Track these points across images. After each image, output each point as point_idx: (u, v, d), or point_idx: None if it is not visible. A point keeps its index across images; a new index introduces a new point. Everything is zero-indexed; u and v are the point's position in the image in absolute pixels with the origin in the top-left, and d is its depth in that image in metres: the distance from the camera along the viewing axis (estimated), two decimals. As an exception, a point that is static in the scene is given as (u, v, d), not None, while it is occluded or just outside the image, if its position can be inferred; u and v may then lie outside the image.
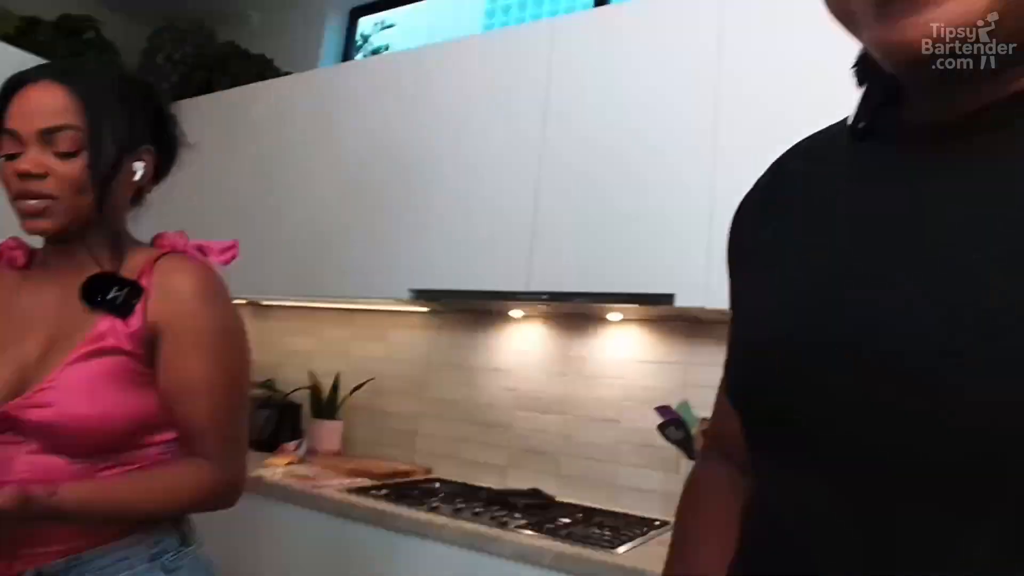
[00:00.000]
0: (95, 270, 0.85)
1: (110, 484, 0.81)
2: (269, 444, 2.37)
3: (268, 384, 2.62)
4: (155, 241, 0.93)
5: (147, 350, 0.84)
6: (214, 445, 0.86)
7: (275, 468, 2.04)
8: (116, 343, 0.82)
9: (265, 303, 2.75)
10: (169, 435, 0.88)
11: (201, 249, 0.91)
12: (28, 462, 0.80)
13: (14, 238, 0.92)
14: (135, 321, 0.83)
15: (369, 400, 2.42)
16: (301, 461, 2.18)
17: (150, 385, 0.84)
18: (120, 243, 0.89)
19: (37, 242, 0.90)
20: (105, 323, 0.83)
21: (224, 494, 0.88)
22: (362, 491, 1.85)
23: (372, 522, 1.69)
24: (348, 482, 1.96)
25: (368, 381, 2.41)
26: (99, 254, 0.86)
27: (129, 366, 0.83)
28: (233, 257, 0.94)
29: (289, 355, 2.69)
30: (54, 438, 0.81)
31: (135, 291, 0.84)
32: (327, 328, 2.62)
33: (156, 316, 0.84)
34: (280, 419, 2.47)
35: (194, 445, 0.86)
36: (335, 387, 2.42)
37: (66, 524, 0.79)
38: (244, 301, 2.73)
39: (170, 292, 0.84)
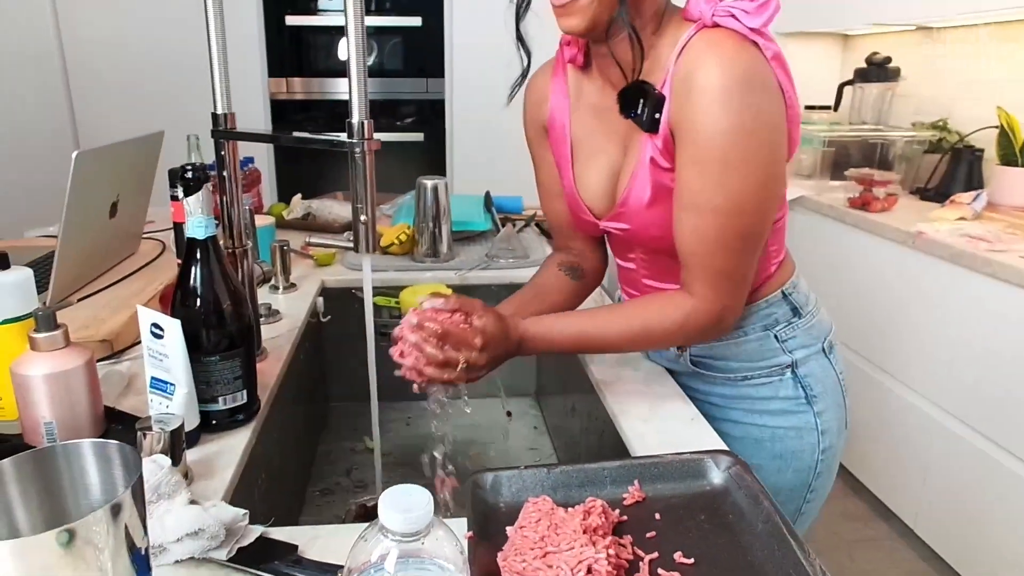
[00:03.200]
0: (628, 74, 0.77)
1: (585, 318, 0.82)
2: (939, 195, 2.10)
3: (939, 125, 2.27)
4: (683, 12, 0.77)
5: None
6: (700, 274, 0.77)
7: (940, 224, 1.80)
8: (655, 156, 0.77)
9: (935, 26, 2.29)
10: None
11: (734, 15, 0.72)
12: (640, 251, 0.90)
13: (568, 35, 0.84)
14: (662, 133, 0.75)
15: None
16: (977, 217, 1.87)
17: None
18: (661, 28, 0.78)
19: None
20: (645, 136, 0.78)
21: (704, 330, 0.80)
22: (1058, 261, 1.48)
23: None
24: (1038, 247, 1.59)
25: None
26: (645, 44, 0.76)
27: (669, 179, 0.78)
28: (773, 15, 0.72)
29: (968, 86, 2.23)
30: (640, 247, 0.87)
31: (657, 103, 0.75)
32: None
33: (674, 122, 0.74)
34: (953, 165, 2.13)
35: (684, 271, 0.79)
36: (1030, 126, 1.91)
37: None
38: (912, 28, 2.35)
39: (688, 92, 0.72)
